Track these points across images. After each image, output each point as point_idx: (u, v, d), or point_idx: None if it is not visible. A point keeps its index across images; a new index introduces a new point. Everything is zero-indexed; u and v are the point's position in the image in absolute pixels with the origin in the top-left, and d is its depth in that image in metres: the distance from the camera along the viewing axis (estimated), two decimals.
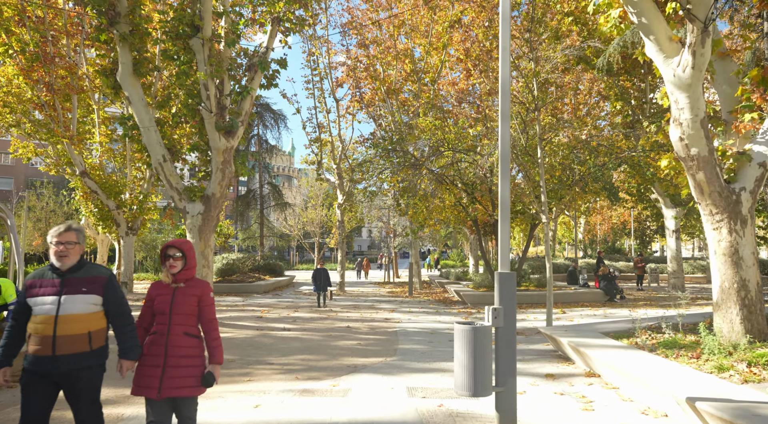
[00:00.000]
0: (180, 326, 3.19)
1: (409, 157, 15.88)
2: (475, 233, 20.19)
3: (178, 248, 3.27)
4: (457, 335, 4.24)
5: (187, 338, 3.19)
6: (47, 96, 17.59)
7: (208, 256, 10.67)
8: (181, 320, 3.19)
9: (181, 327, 3.19)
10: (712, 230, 6.66)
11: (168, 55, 9.46)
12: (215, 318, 3.37)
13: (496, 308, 4.34)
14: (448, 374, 6.59)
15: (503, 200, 4.50)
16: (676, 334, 6.84)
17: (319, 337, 9.62)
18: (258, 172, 33.02)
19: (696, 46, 6.05)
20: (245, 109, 10.42)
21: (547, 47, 13.24)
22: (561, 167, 14.46)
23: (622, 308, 13.89)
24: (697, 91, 6.34)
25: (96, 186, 19.10)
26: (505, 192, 4.50)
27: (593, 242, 47.04)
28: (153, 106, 11.83)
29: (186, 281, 3.30)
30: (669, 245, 19.51)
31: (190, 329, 3.22)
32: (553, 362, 7.41)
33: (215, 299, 17.21)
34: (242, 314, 13.13)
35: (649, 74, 18.73)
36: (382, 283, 27.95)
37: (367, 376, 6.57)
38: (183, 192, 10.53)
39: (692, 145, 6.49)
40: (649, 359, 5.77)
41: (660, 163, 7.23)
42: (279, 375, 6.66)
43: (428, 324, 11.38)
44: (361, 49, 21.73)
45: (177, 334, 3.16)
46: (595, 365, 6.42)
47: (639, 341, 6.78)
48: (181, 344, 3.15)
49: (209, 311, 3.32)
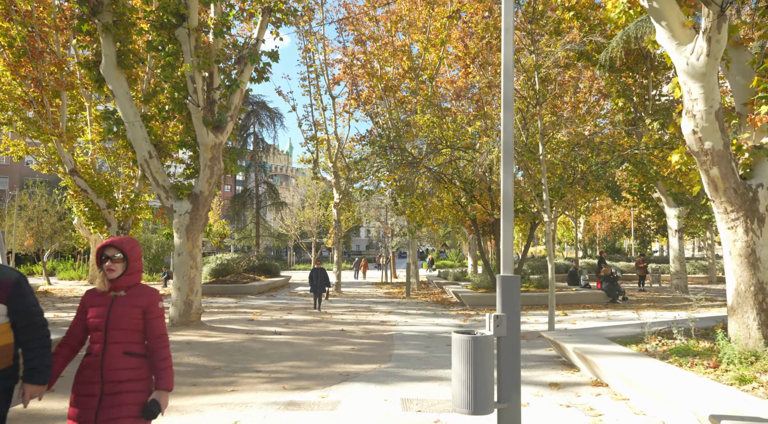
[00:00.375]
0: (119, 344, 2.59)
1: (406, 155, 15.46)
2: (474, 232, 19.78)
3: (117, 247, 2.66)
4: (455, 345, 3.82)
5: (128, 359, 2.60)
6: (35, 92, 17.12)
7: (196, 256, 10.25)
8: (121, 336, 2.60)
9: (120, 346, 2.60)
10: (727, 229, 6.25)
11: (152, 46, 9.02)
12: (165, 334, 2.75)
13: (498, 316, 3.91)
14: (445, 383, 6.18)
15: (506, 196, 4.07)
16: (689, 340, 6.42)
17: (312, 341, 9.20)
18: (254, 171, 32.58)
19: (711, 31, 5.63)
20: (234, 103, 9.99)
21: (548, 41, 12.87)
22: (562, 165, 14.07)
23: (626, 310, 13.48)
24: (711, 81, 5.93)
25: (86, 185, 18.64)
26: (507, 187, 4.08)
27: (593, 242, 46.67)
28: (139, 100, 11.38)
29: (128, 288, 2.70)
30: (671, 245, 19.11)
31: (131, 348, 2.64)
32: (557, 369, 6.99)
33: (207, 300, 16.95)
34: (233, 316, 12.70)
35: (652, 70, 18.34)
36: (380, 283, 27.52)
37: (360, 385, 6.15)
38: (170, 190, 10.11)
39: (706, 138, 6.08)
40: (662, 368, 5.35)
41: (670, 158, 6.82)
42: (265, 385, 6.23)
43: (425, 327, 10.96)
44: (358, 45, 21.31)
45: (115, 354, 2.58)
46: (602, 374, 6.00)
47: (649, 348, 6.36)
48: (121, 367, 2.57)
49: (157, 326, 2.71)
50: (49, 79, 17.46)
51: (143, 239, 32.39)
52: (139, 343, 2.68)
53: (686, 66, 5.96)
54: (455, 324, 11.42)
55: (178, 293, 10.15)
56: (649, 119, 18.16)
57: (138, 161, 9.93)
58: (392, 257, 34.63)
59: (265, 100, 33.26)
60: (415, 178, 16.31)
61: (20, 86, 17.12)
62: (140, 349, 2.68)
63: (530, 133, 12.25)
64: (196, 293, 10.28)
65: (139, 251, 2.74)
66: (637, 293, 19.05)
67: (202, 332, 9.96)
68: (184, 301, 10.15)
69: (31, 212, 27.87)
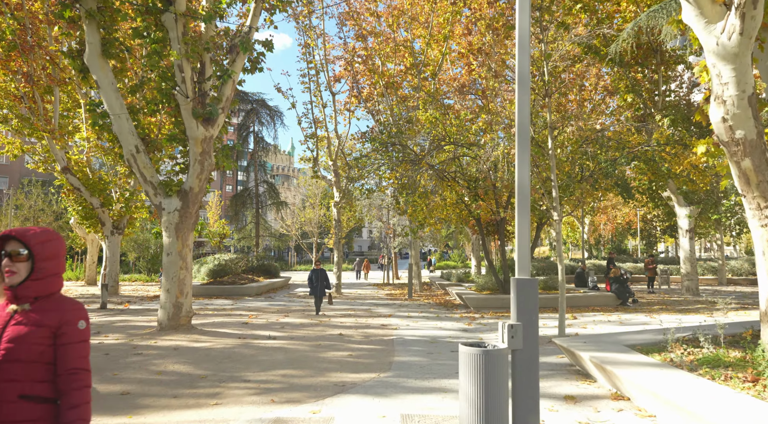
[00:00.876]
0: (14, 383, 1.79)
1: (408, 152, 14.92)
2: (478, 232, 19.21)
3: (19, 240, 1.86)
4: (464, 360, 3.26)
5: (26, 407, 1.80)
6: (26, 87, 16.65)
7: (186, 256, 9.72)
8: (18, 371, 1.80)
9: (15, 386, 1.79)
10: (760, 226, 5.68)
11: (138, 32, 8.49)
12: (83, 369, 1.89)
13: (513, 325, 3.35)
14: (450, 396, 5.62)
15: (521, 186, 3.52)
16: (717, 348, 5.85)
17: (307, 347, 8.65)
18: (254, 170, 32.07)
19: (746, 6, 5.07)
20: (226, 94, 9.45)
21: (556, 34, 12.34)
22: (569, 162, 13.51)
23: (638, 314, 12.90)
24: (744, 63, 5.37)
25: (78, 183, 18.17)
26: (523, 176, 3.52)
27: (598, 243, 46.02)
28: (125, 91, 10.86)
29: (35, 300, 1.89)
30: (682, 246, 18.50)
31: (33, 389, 1.82)
32: (572, 379, 6.43)
33: (203, 301, 16.40)
34: (227, 319, 12.16)
35: (662, 65, 17.76)
36: (382, 284, 26.97)
37: (356, 398, 5.60)
38: (158, 186, 9.58)
39: (738, 126, 5.52)
40: (693, 382, 4.79)
41: (695, 149, 6.25)
42: (253, 397, 5.69)
43: (428, 331, 10.40)
44: (359, 40, 20.77)
45: (8, 399, 1.78)
46: (624, 387, 5.43)
47: (674, 358, 5.79)
48: (16, 418, 1.78)
49: (72, 356, 1.87)
50: (41, 74, 16.98)
51: (142, 238, 31.90)
52: (45, 382, 1.86)
53: (716, 46, 5.40)
54: (459, 328, 10.86)
55: (167, 295, 9.62)
56: (659, 115, 17.58)
57: (124, 156, 9.40)
58: (395, 257, 34.07)
59: (264, 98, 32.68)
60: (417, 175, 15.76)
61: (11, 82, 16.66)
62: (46, 391, 1.86)
63: (538, 127, 11.69)
64: (186, 294, 9.74)
65: (57, 249, 1.95)
66: (647, 295, 18.45)
67: (192, 336, 9.42)
68: (174, 303, 9.61)
69: (27, 212, 27.41)
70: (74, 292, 20.29)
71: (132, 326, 10.83)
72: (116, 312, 13.54)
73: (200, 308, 14.43)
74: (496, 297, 14.50)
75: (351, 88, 22.06)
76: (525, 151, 3.54)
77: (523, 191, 3.53)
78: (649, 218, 35.53)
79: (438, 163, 15.31)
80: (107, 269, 19.22)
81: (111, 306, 14.99)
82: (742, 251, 46.51)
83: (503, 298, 14.46)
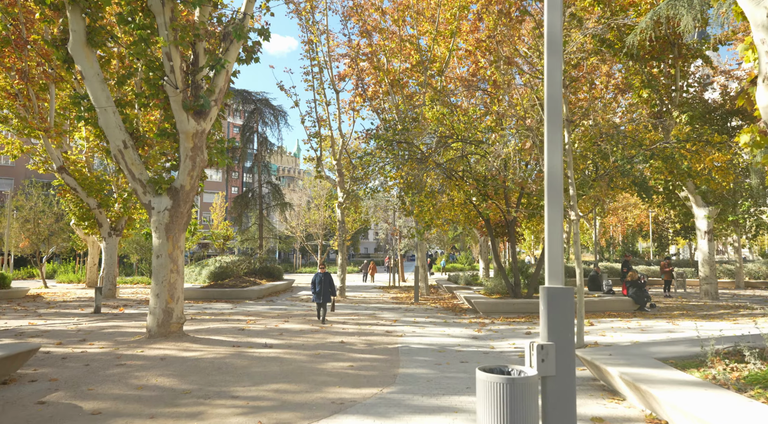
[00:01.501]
0: None
1: (414, 150, 14.26)
2: (487, 234, 18.51)
3: None
4: (482, 390, 2.59)
5: None
6: (20, 84, 16.16)
7: (177, 259, 9.11)
8: None
9: None
10: None
11: (123, 17, 7.90)
12: None
13: (543, 345, 2.69)
14: (462, 417, 4.96)
15: (552, 173, 2.86)
16: (765, 364, 5.15)
17: (305, 356, 8.01)
18: (258, 171, 31.53)
19: None
20: (219, 85, 8.84)
21: (568, 25, 11.69)
22: (582, 159, 12.83)
23: (658, 320, 12.15)
24: None
25: (75, 183, 17.66)
26: (555, 161, 2.86)
27: (610, 245, 45.09)
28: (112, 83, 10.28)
29: None
30: (700, 248, 17.71)
31: None
32: (597, 396, 5.74)
33: (202, 305, 15.77)
34: (224, 324, 11.55)
35: (679, 58, 17.02)
36: (387, 287, 26.29)
37: (354, 420, 4.95)
38: (147, 184, 8.98)
39: None
40: (745, 406, 4.10)
41: (738, 138, 5.56)
42: (239, 418, 5.05)
43: (436, 339, 9.73)
44: (364, 37, 20.16)
45: None
46: (662, 409, 4.74)
47: (716, 375, 5.10)
48: None
49: None
50: (36, 70, 16.50)
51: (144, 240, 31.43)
52: None
53: (766, 19, 4.72)
54: (469, 335, 10.18)
55: (156, 300, 9.01)
56: (677, 112, 16.83)
57: (111, 152, 8.81)
58: (400, 259, 33.39)
59: (268, 98, 32.13)
60: (423, 174, 15.11)
61: (6, 79, 16.18)
62: None
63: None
64: (177, 299, 9.13)
65: None
66: (664, 300, 17.66)
67: (182, 344, 8.80)
68: (163, 309, 9.00)
69: (27, 213, 26.97)
70: (73, 294, 19.78)
71: (121, 332, 10.24)
72: (109, 317, 12.96)
73: (197, 313, 13.84)
74: (507, 301, 13.80)
75: (356, 87, 21.47)
76: (556, 130, 2.88)
77: (554, 180, 2.86)
78: (661, 219, 34.61)
79: (445, 162, 14.64)
80: (104, 271, 18.69)
81: (106, 310, 14.42)
82: (756, 253, 45.38)
83: (514, 302, 13.76)
